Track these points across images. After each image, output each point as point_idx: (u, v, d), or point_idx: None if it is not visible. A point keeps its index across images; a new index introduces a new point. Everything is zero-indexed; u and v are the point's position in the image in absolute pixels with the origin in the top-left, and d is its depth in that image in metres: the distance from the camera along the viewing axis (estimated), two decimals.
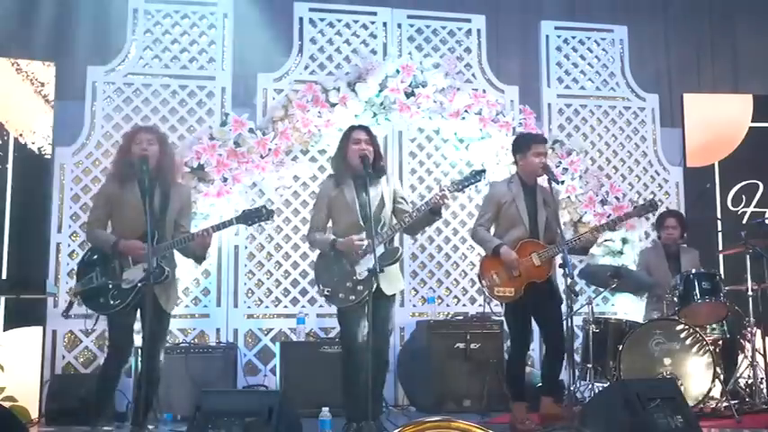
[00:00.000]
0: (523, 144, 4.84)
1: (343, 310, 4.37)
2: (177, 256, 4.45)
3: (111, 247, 4.22)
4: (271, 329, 6.13)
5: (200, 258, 4.48)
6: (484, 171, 4.53)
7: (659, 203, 5.62)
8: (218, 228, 4.37)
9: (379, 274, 4.09)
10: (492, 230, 4.82)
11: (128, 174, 4.29)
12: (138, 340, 4.38)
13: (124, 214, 4.28)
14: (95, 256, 4.31)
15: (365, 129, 4.55)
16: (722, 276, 5.69)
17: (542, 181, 4.82)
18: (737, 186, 6.87)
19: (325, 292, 4.39)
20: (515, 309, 4.68)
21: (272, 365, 5.98)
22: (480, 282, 4.76)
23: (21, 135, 5.76)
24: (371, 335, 4.06)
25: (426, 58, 6.47)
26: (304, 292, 6.19)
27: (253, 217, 4.34)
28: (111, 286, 4.20)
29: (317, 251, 4.56)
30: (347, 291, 4.31)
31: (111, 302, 4.18)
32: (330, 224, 4.52)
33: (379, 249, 4.24)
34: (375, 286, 4.12)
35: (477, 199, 6.48)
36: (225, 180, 5.88)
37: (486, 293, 4.76)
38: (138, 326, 4.33)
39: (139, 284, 4.15)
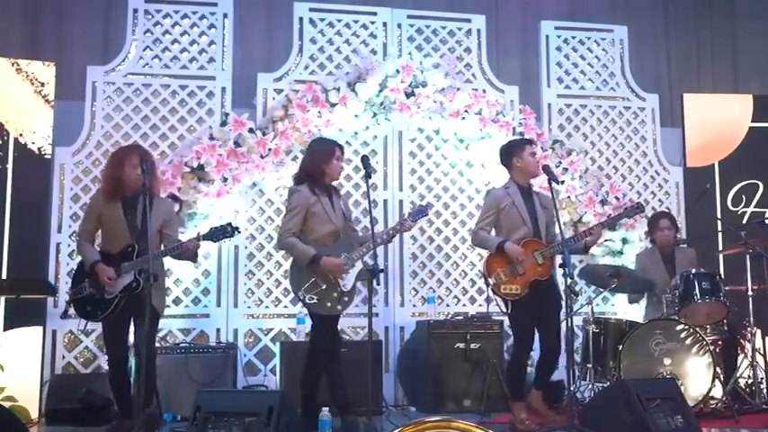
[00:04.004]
0: (516, 148, 4.90)
1: (326, 317, 4.53)
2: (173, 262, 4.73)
3: (89, 266, 4.47)
4: (271, 329, 6.13)
5: (193, 259, 4.76)
6: (430, 206, 5.05)
7: (644, 204, 5.64)
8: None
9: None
10: (493, 234, 4.84)
11: (117, 192, 4.49)
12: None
13: (108, 228, 4.53)
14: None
15: (342, 148, 4.83)
16: (722, 276, 5.69)
17: (537, 185, 4.87)
18: (737, 186, 6.86)
19: (314, 300, 4.50)
20: (521, 308, 4.66)
21: (272, 365, 5.99)
22: (486, 280, 4.73)
23: (21, 135, 5.75)
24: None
25: (426, 58, 6.47)
26: None
27: (218, 234, 4.55)
28: (96, 296, 4.43)
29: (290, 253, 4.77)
30: (334, 301, 4.53)
31: (96, 312, 4.44)
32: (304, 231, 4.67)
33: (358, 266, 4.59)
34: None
35: (478, 199, 6.50)
36: (225, 180, 5.88)
37: (493, 292, 4.71)
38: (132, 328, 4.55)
39: (119, 295, 4.38)
